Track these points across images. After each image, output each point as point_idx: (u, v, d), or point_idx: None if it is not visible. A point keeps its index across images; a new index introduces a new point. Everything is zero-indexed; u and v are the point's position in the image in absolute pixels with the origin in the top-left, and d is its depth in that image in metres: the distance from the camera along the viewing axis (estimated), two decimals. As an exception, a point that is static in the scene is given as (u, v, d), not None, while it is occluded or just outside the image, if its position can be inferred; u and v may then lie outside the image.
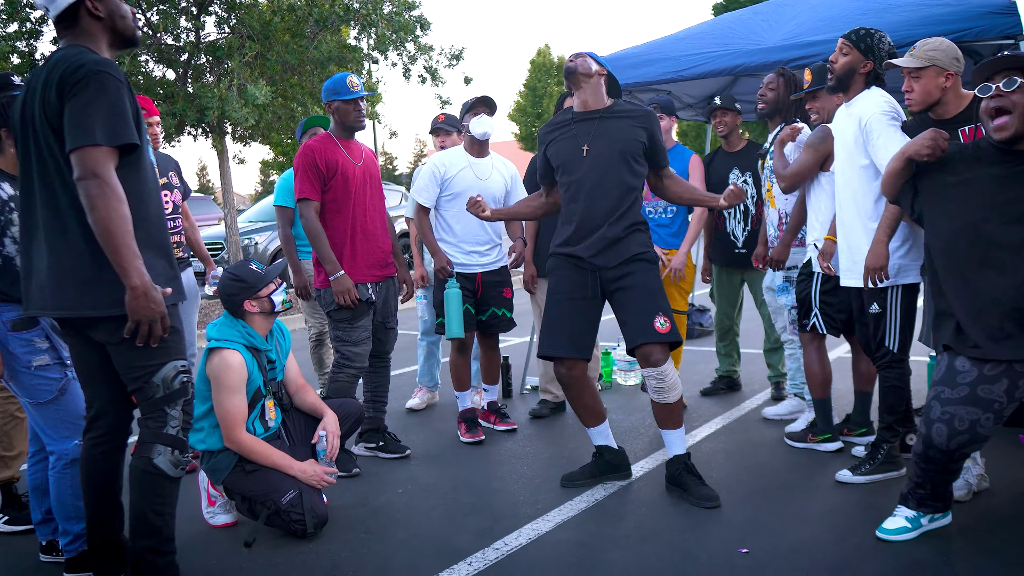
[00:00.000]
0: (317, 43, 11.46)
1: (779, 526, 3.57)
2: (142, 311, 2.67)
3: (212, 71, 11.79)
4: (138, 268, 2.65)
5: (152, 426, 2.88)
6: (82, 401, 3.34)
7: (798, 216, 4.62)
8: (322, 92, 4.53)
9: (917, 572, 3.08)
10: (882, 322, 3.95)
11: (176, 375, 2.88)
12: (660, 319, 3.86)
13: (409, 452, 4.79)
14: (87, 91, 2.62)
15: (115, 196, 2.62)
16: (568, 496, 4.01)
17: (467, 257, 5.03)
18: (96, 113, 2.63)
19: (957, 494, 3.73)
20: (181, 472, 2.94)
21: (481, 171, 5.03)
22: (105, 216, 2.60)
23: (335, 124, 4.54)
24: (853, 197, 3.96)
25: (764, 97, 4.82)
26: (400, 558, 3.41)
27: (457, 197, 4.97)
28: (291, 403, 4.00)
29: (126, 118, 2.69)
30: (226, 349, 3.65)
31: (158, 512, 2.92)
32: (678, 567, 3.22)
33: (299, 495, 3.61)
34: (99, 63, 2.67)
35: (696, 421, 5.26)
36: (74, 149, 2.62)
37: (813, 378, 4.53)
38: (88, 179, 2.60)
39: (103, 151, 2.63)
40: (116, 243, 2.61)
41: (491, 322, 5.13)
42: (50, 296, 2.77)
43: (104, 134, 2.63)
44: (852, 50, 3.92)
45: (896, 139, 3.71)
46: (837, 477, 4.06)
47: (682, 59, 5.84)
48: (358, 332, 4.47)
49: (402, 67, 12.95)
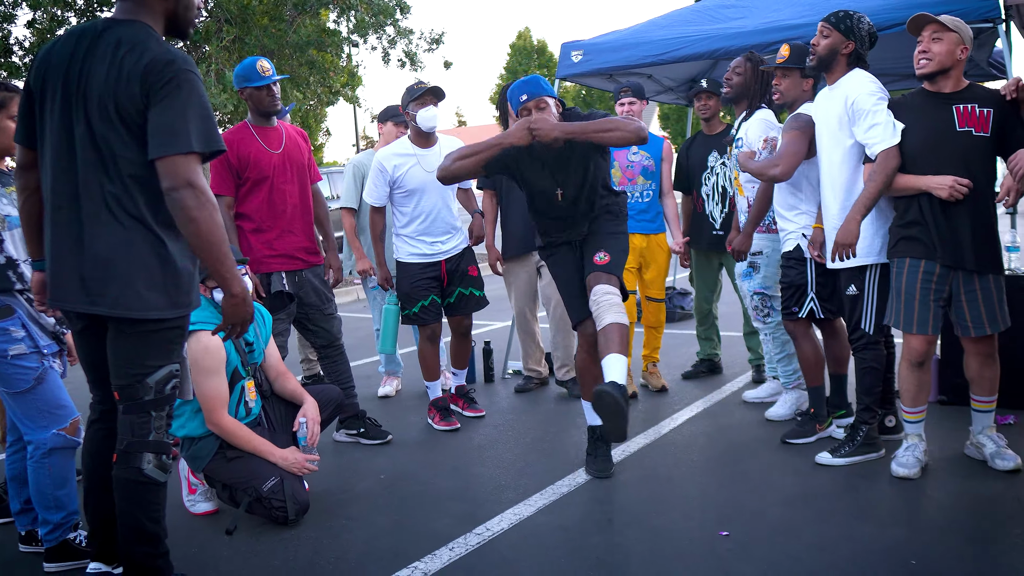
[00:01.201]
0: (296, 27, 11.40)
1: (760, 508, 3.60)
2: (240, 315, 2.71)
3: (190, 55, 11.69)
4: (238, 276, 2.66)
5: (137, 432, 2.75)
6: (61, 391, 3.32)
7: (760, 206, 4.61)
8: (233, 80, 4.51)
9: (896, 552, 3.12)
10: (859, 304, 3.99)
11: (169, 380, 2.77)
12: (600, 253, 3.98)
13: (391, 437, 4.79)
14: (180, 93, 2.52)
15: (212, 205, 2.55)
16: (550, 480, 4.02)
17: (430, 247, 4.98)
18: (193, 119, 2.53)
19: (910, 471, 3.80)
20: (168, 475, 2.84)
21: (429, 163, 4.83)
22: (207, 228, 2.53)
23: (250, 111, 4.52)
24: (837, 181, 3.97)
25: (730, 81, 4.81)
26: (382, 544, 3.41)
27: (412, 194, 4.92)
28: (271, 390, 3.98)
29: (214, 122, 2.62)
30: (202, 331, 3.60)
31: (153, 519, 2.81)
32: (660, 550, 3.24)
33: (280, 482, 3.60)
34: (187, 61, 2.57)
35: (677, 404, 5.28)
36: (165, 156, 2.51)
37: (811, 367, 4.47)
38: (183, 189, 2.50)
39: (195, 158, 2.54)
40: (218, 253, 2.57)
41: (460, 303, 5.09)
42: (83, 291, 2.63)
43: (200, 141, 2.54)
44: (833, 32, 3.93)
45: (884, 121, 3.74)
46: (817, 459, 4.08)
47: (662, 43, 5.84)
48: (278, 324, 4.46)
49: (381, 51, 12.89)
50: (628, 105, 5.30)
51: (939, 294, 3.73)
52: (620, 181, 5.42)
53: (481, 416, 5.23)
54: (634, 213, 5.35)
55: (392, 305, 5.06)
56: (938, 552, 3.12)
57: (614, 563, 3.15)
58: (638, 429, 4.78)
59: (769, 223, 4.75)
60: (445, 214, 5.00)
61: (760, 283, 4.84)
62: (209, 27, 11.13)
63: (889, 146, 3.72)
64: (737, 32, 5.51)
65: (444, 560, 3.23)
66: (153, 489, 2.80)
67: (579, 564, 3.15)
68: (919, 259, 3.73)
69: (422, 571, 3.14)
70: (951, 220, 3.67)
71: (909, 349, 3.82)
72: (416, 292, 4.93)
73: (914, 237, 3.75)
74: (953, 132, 3.68)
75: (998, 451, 3.86)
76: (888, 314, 3.89)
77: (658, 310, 5.61)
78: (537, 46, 42.97)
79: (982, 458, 3.94)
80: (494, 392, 5.91)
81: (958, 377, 4.45)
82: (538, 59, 42.26)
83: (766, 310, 4.86)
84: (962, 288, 3.73)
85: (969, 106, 3.68)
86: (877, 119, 3.77)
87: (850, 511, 3.51)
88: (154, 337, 2.70)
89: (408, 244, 4.98)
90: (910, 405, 3.89)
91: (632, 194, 5.42)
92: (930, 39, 3.68)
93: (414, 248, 4.96)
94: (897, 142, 3.72)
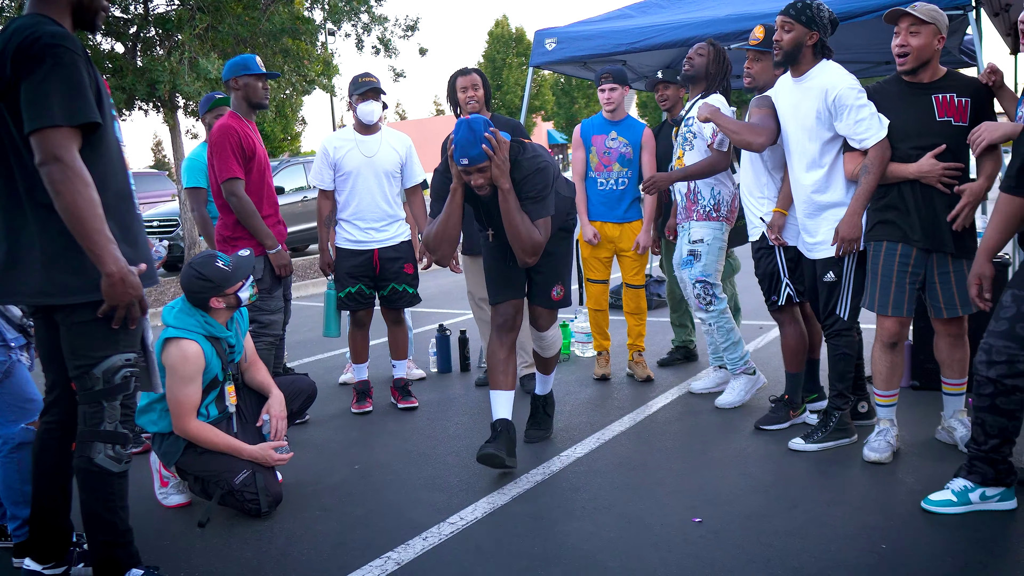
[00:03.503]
0: (269, 15, 11.28)
1: (732, 495, 3.62)
2: (119, 297, 2.59)
3: (162, 44, 11.57)
4: (112, 253, 2.55)
5: (89, 422, 2.75)
6: (29, 384, 3.29)
7: (698, 169, 4.72)
8: (228, 69, 4.55)
9: (865, 536, 3.14)
10: (836, 290, 4.01)
11: (120, 369, 2.74)
12: (557, 288, 4.26)
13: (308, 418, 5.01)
14: (43, 67, 2.48)
15: (80, 180, 2.49)
16: (524, 469, 4.02)
17: (363, 234, 5.08)
18: (54, 91, 2.48)
19: (881, 456, 3.83)
20: (125, 466, 2.83)
21: (368, 149, 5.08)
22: (72, 202, 2.48)
23: (240, 101, 4.58)
24: (815, 173, 3.97)
25: (692, 60, 4.80)
26: (355, 535, 3.40)
27: (348, 176, 5.06)
28: (243, 380, 3.96)
29: (86, 95, 2.55)
30: (184, 340, 3.57)
31: (109, 509, 2.81)
32: (633, 537, 3.25)
33: (252, 475, 3.58)
34: (55, 35, 2.53)
35: (653, 392, 5.29)
36: (33, 131, 2.48)
37: (794, 353, 4.46)
38: (50, 163, 2.47)
39: (64, 132, 2.49)
40: (86, 229, 2.51)
41: (393, 298, 5.19)
42: (8, 283, 2.66)
43: (64, 114, 2.49)
44: (795, 25, 3.91)
45: (870, 114, 3.76)
46: (790, 445, 4.11)
47: (636, 31, 5.85)
48: (275, 301, 4.66)
49: (355, 38, 12.80)
50: (609, 92, 5.28)
51: (915, 277, 3.76)
52: (596, 167, 5.38)
53: (414, 407, 5.26)
54: (607, 201, 5.35)
55: (332, 290, 5.20)
56: (908, 536, 3.14)
57: (587, 550, 3.15)
58: (614, 416, 4.79)
59: (709, 210, 4.77)
60: (381, 201, 5.10)
61: (701, 271, 4.85)
62: (182, 15, 10.99)
63: (880, 138, 3.74)
64: (710, 20, 5.54)
65: (418, 549, 3.23)
66: (107, 479, 2.79)
67: (553, 552, 3.15)
68: (896, 242, 3.75)
69: (395, 561, 3.14)
70: (930, 205, 3.70)
71: (882, 330, 3.85)
72: (345, 279, 5.09)
73: (890, 221, 3.77)
74: (932, 122, 3.70)
75: (968, 435, 3.89)
76: (863, 297, 3.92)
77: (637, 296, 5.58)
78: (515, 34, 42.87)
79: (953, 442, 3.98)
80: (470, 381, 5.91)
81: (930, 362, 4.49)
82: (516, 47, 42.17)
83: (708, 298, 4.86)
84: (936, 270, 3.76)
85: (948, 96, 3.69)
86: (862, 113, 3.77)
87: (821, 496, 3.54)
88: (95, 326, 2.67)
89: (343, 230, 5.12)
90: (882, 388, 3.92)
91: (607, 181, 5.38)
92: (907, 33, 3.67)
93: (348, 235, 5.10)
94: (886, 134, 3.74)
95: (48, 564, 2.99)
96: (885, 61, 7.19)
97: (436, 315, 8.52)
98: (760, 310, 6.92)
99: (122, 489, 2.86)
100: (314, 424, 5.00)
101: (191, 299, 3.67)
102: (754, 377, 4.97)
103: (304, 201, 13.85)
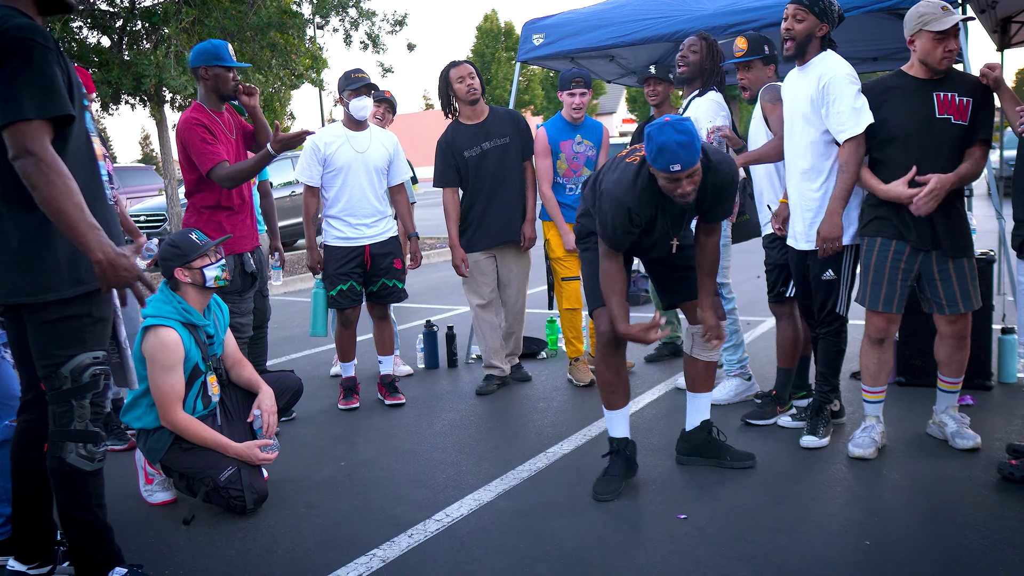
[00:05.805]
0: (257, 8, 11.21)
1: (717, 491, 3.62)
2: (113, 281, 2.57)
3: (148, 38, 11.49)
4: (98, 240, 2.52)
5: (59, 421, 2.73)
6: (11, 381, 3.26)
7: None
8: (195, 56, 4.35)
9: (850, 532, 3.15)
10: (835, 287, 4.00)
11: (88, 367, 2.72)
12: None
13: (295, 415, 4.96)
14: (12, 61, 2.46)
15: (54, 171, 2.47)
16: (510, 466, 4.02)
17: (354, 230, 5.07)
18: (23, 85, 2.46)
19: (866, 452, 3.84)
20: (99, 464, 2.80)
21: (359, 144, 5.08)
22: (49, 194, 2.46)
23: (208, 92, 4.39)
24: (810, 164, 3.96)
25: (685, 59, 4.79)
26: (340, 532, 3.40)
27: (339, 172, 5.04)
28: (228, 378, 3.94)
29: (57, 87, 2.53)
30: (161, 327, 3.57)
31: (85, 508, 2.80)
32: (618, 534, 3.25)
33: (237, 472, 3.57)
34: (22, 28, 2.50)
35: (640, 388, 5.30)
36: (4, 126, 2.46)
37: (789, 349, 4.48)
38: (23, 157, 2.45)
39: (35, 125, 2.47)
40: (68, 219, 2.48)
41: (382, 293, 5.18)
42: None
43: (34, 107, 2.47)
44: (808, 15, 3.89)
45: (851, 108, 3.74)
46: (802, 443, 4.07)
47: (623, 25, 5.81)
48: (247, 303, 4.56)
49: (343, 33, 12.74)
50: (580, 97, 5.25)
51: (907, 274, 3.78)
52: (565, 173, 5.33)
53: (401, 404, 5.24)
54: (576, 205, 5.30)
55: (320, 289, 5.18)
56: (892, 532, 3.15)
57: (573, 547, 3.15)
58: (600, 413, 4.76)
59: None
60: (371, 196, 5.10)
61: None
62: (168, 8, 10.92)
63: (854, 135, 3.73)
64: (699, 15, 5.50)
65: (403, 547, 3.22)
66: (81, 478, 2.77)
67: (538, 549, 3.15)
68: (890, 239, 3.77)
69: (380, 558, 3.13)
70: None
71: (871, 326, 3.86)
72: (337, 277, 5.05)
73: (884, 217, 3.78)
74: (932, 119, 3.70)
75: (959, 431, 3.91)
76: (855, 291, 3.93)
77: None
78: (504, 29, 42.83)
79: (943, 437, 4.00)
80: (457, 377, 5.90)
81: (916, 359, 4.52)
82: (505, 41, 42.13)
83: None
84: (935, 268, 3.77)
85: (950, 94, 3.69)
86: (843, 105, 3.75)
87: (806, 492, 3.55)
88: (60, 325, 2.66)
89: (333, 228, 5.09)
90: (870, 384, 3.93)
91: (576, 187, 5.35)
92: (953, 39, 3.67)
93: (339, 232, 5.07)
94: (862, 131, 3.73)
95: (33, 564, 2.97)
96: (873, 58, 7.20)
97: (423, 311, 8.51)
98: (747, 307, 6.96)
99: (97, 488, 2.84)
100: (300, 421, 4.98)
101: (163, 270, 3.71)
102: (748, 383, 4.97)
103: (292, 196, 13.81)
